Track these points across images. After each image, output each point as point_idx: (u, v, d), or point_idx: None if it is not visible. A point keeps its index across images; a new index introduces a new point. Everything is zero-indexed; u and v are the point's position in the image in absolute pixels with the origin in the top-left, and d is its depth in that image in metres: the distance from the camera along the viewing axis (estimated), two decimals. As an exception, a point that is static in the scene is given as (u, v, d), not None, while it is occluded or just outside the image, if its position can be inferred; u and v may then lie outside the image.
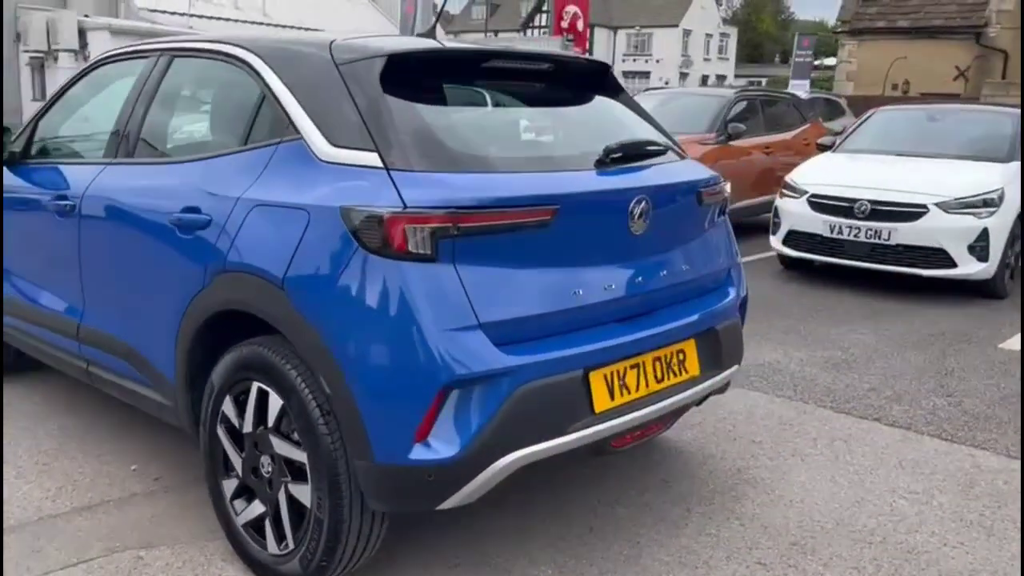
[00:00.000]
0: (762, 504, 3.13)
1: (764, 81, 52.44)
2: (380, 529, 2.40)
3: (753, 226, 8.94)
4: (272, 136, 2.55)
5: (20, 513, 2.93)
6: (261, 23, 33.57)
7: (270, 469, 2.45)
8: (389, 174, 2.22)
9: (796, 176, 7.35)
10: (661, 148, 2.88)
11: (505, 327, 2.24)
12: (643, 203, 2.56)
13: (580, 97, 3.00)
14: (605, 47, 59.64)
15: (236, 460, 2.57)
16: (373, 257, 2.15)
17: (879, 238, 6.59)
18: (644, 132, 2.97)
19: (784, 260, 7.52)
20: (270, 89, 2.59)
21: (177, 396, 2.77)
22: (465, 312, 2.17)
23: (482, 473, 2.21)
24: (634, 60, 60.82)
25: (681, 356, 2.75)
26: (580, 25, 38.06)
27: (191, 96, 3.14)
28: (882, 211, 6.58)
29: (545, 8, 43.13)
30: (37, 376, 4.10)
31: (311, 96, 2.48)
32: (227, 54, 2.80)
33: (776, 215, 7.33)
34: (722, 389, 3.07)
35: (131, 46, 3.35)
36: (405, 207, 2.14)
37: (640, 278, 2.62)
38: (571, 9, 37.54)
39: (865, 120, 8.38)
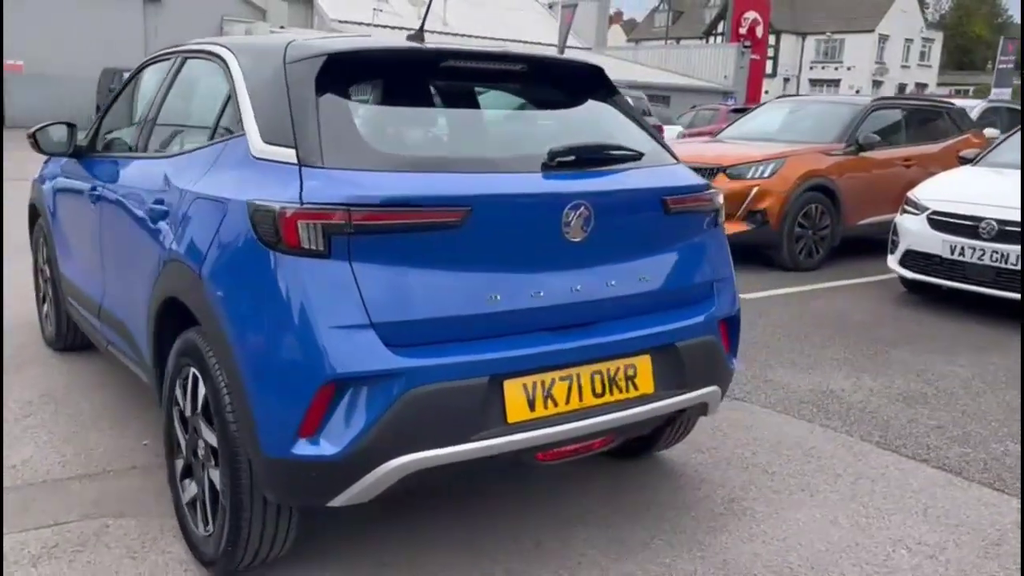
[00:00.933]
0: (737, 539, 2.90)
1: (971, 90, 48.47)
2: (288, 522, 2.44)
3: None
4: (228, 132, 2.66)
5: (30, 474, 3.21)
6: (441, 32, 35.04)
7: (201, 452, 2.55)
8: (300, 170, 2.26)
9: (919, 191, 6.75)
10: (630, 153, 2.74)
11: (402, 328, 2.21)
12: (581, 209, 2.45)
13: (555, 100, 2.92)
14: (791, 54, 57.33)
15: (182, 441, 2.69)
16: (270, 251, 2.19)
17: (1005, 262, 5.93)
18: (614, 136, 2.84)
19: (906, 282, 6.92)
20: (234, 87, 2.70)
21: (151, 377, 2.95)
22: (356, 310, 2.17)
23: (370, 474, 2.20)
24: (822, 68, 58.06)
25: (630, 372, 2.60)
26: (759, 31, 37.02)
27: (188, 94, 3.33)
28: (1010, 232, 5.91)
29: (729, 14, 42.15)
30: (95, 352, 4.46)
31: (258, 94, 2.57)
32: (214, 53, 2.95)
33: (895, 233, 6.75)
34: (701, 410, 2.88)
35: (164, 49, 3.61)
36: (302, 203, 2.17)
37: (578, 287, 2.50)
38: (751, 15, 36.59)
39: (1017, 131, 7.56)
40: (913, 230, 6.51)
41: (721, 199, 2.97)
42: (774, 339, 5.47)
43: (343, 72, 2.47)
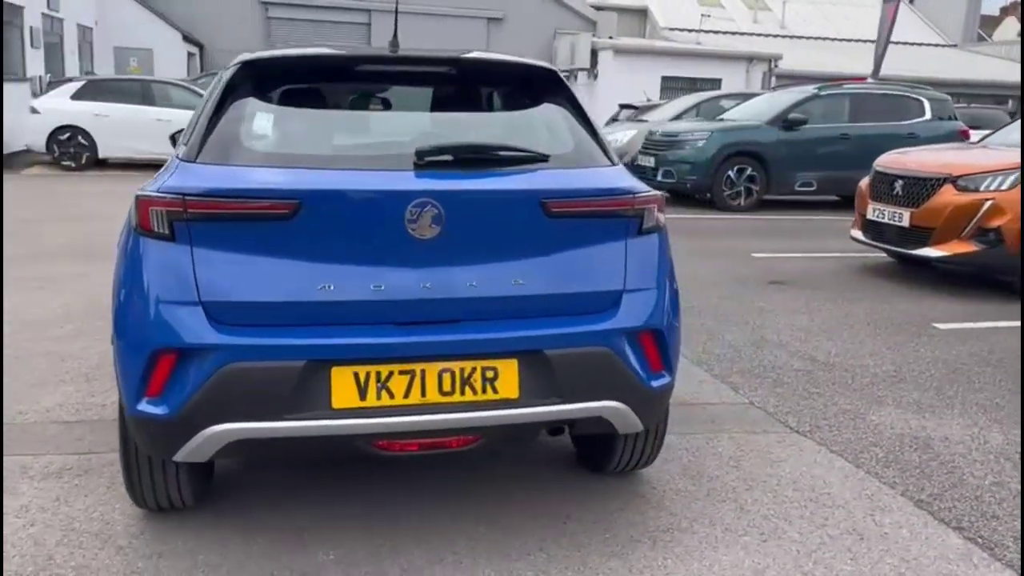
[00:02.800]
0: (624, 568, 2.70)
1: None
2: (175, 475, 2.76)
3: None
4: None
5: (42, 414, 3.82)
6: (778, 35, 33.70)
7: None
8: (176, 165, 2.59)
9: None
10: (525, 154, 2.69)
11: (227, 308, 2.45)
12: (429, 207, 2.49)
13: (480, 102, 2.95)
14: None
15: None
16: (135, 234, 2.55)
17: None
18: (527, 137, 2.79)
19: None
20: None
21: None
22: (188, 289, 2.45)
23: (196, 436, 2.46)
24: None
25: (489, 374, 2.58)
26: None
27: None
28: None
29: None
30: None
31: (201, 102, 2.94)
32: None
33: None
34: (601, 426, 2.73)
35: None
36: (155, 193, 2.50)
37: (428, 284, 2.54)
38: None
39: None
40: None
41: (652, 205, 2.78)
42: (928, 375, 4.75)
43: (252, 78, 2.77)
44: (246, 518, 2.94)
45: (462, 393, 2.56)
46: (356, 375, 2.49)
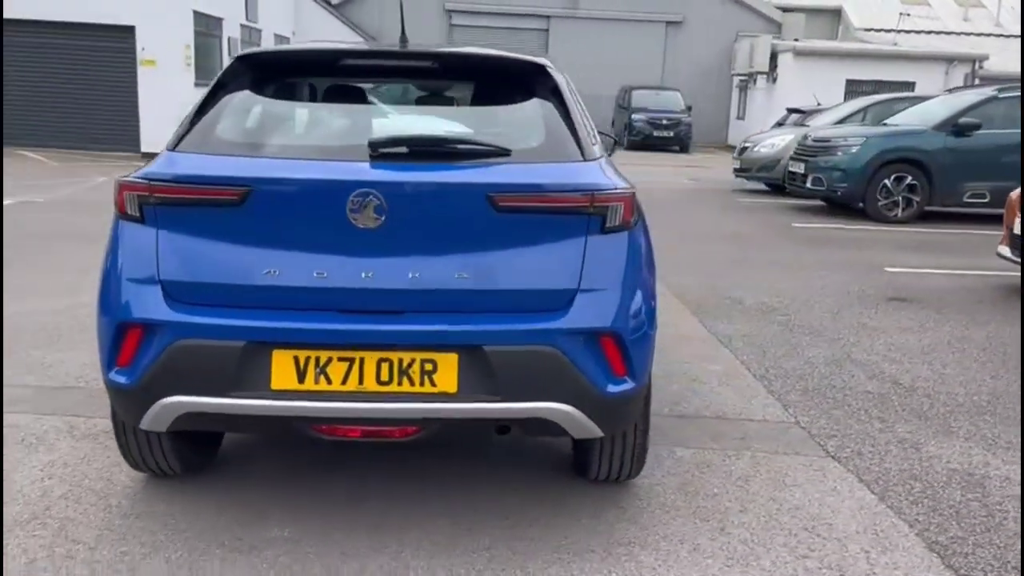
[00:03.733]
0: (569, 573, 2.60)
1: None
2: (159, 446, 2.97)
3: None
4: None
5: (54, 378, 4.17)
6: (991, 34, 30.87)
7: None
8: (162, 154, 2.78)
9: None
10: (483, 148, 2.67)
11: (182, 288, 2.61)
12: (371, 198, 2.53)
13: (460, 95, 2.94)
14: None
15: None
16: (115, 216, 2.76)
17: None
18: (497, 131, 2.78)
19: None
20: None
21: None
22: (151, 268, 2.63)
23: (153, 406, 2.63)
24: None
25: (428, 367, 2.58)
26: None
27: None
28: None
29: None
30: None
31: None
32: None
33: None
34: (549, 429, 2.65)
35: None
36: (128, 177, 2.69)
37: (369, 273, 2.57)
38: None
39: None
40: None
41: (617, 203, 2.67)
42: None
43: (241, 73, 2.92)
44: (230, 492, 3.11)
45: (399, 384, 2.57)
46: (296, 359, 2.57)
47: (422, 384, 2.57)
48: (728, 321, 5.73)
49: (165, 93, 15.21)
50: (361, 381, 2.57)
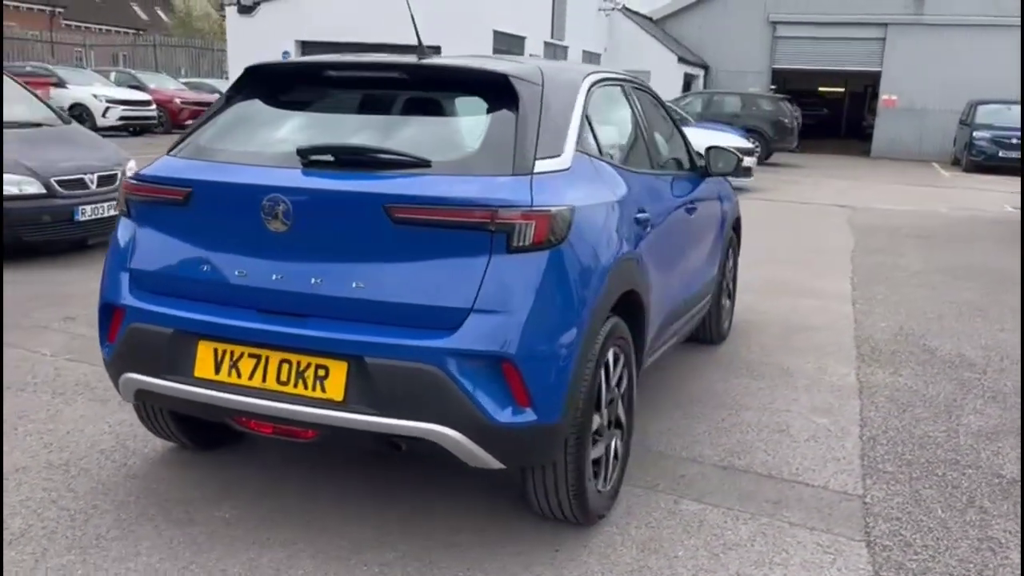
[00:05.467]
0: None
1: None
2: (161, 418, 3.29)
3: None
4: None
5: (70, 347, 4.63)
6: None
7: None
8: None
9: None
10: (405, 159, 2.63)
11: (143, 276, 2.90)
12: (280, 204, 2.61)
13: (421, 105, 2.94)
14: None
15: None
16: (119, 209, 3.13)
17: None
18: (432, 143, 2.76)
19: None
20: None
21: None
22: (128, 257, 2.95)
23: (119, 379, 2.95)
24: None
25: (321, 372, 2.61)
26: None
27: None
28: None
29: None
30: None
31: None
32: None
33: None
34: (435, 451, 2.54)
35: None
36: (128, 179, 3.04)
37: (278, 276, 2.66)
38: None
39: None
40: None
41: (527, 221, 2.49)
42: None
43: (245, 85, 3.15)
44: (218, 472, 3.36)
45: (295, 386, 2.64)
46: (216, 351, 2.74)
47: (314, 389, 2.61)
48: (894, 371, 4.91)
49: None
50: (264, 379, 2.68)
